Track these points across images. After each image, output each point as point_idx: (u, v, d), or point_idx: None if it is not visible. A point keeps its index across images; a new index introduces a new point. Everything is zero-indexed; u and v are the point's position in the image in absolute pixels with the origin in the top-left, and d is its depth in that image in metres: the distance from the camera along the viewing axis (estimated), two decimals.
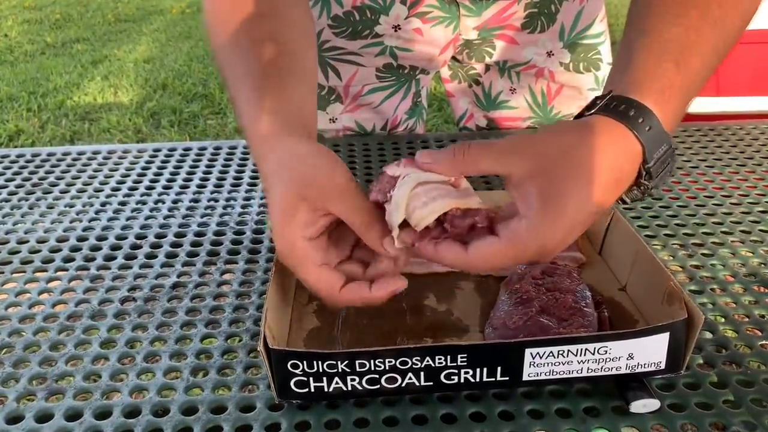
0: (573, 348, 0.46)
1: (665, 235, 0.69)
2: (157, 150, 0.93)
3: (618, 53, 0.54)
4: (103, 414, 0.49)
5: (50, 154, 0.92)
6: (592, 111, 0.48)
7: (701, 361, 0.52)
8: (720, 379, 0.50)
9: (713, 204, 0.76)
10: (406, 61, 0.91)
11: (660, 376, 0.49)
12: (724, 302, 0.59)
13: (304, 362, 0.46)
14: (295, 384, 0.47)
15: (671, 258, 0.66)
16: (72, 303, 0.61)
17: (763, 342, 0.54)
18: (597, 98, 0.49)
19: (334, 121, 0.95)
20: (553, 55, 0.92)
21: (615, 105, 0.47)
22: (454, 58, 0.96)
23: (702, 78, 0.51)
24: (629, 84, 0.48)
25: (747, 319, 0.57)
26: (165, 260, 0.67)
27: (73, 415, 0.49)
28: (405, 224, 0.47)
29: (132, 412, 0.49)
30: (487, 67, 0.96)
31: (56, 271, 0.66)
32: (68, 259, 0.68)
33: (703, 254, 0.66)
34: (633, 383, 0.48)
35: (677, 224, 0.71)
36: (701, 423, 0.46)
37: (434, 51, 0.90)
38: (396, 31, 0.87)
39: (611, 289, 0.59)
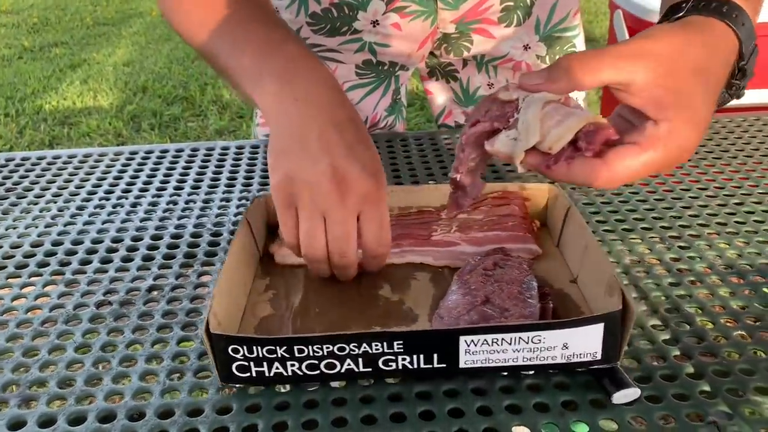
0: (507, 336, 0.47)
1: (642, 228, 0.70)
2: (134, 153, 0.92)
3: None
4: (78, 420, 0.48)
5: (24, 159, 0.91)
6: (681, 14, 0.47)
7: (678, 353, 0.52)
8: (697, 370, 0.50)
9: (689, 197, 0.76)
10: (385, 57, 0.91)
11: (596, 367, 0.50)
12: (701, 294, 0.59)
13: (244, 347, 0.47)
14: (237, 368, 0.48)
15: (649, 251, 0.66)
16: (46, 308, 0.60)
17: (740, 332, 0.54)
18: (677, 4, 0.48)
19: None
20: (529, 48, 0.92)
21: (704, 4, 0.46)
22: (432, 53, 0.96)
23: None
24: None
25: (723, 310, 0.57)
26: (141, 263, 0.67)
27: (47, 422, 0.48)
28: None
29: (107, 417, 0.48)
30: (465, 63, 0.96)
31: (30, 277, 0.65)
32: (43, 264, 0.67)
33: (680, 247, 0.66)
34: (611, 375, 0.49)
35: (654, 217, 0.72)
36: (678, 414, 0.46)
37: (413, 46, 0.90)
38: (374, 26, 0.87)
39: (563, 281, 0.60)
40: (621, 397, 0.47)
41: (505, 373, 0.50)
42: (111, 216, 0.76)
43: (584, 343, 0.48)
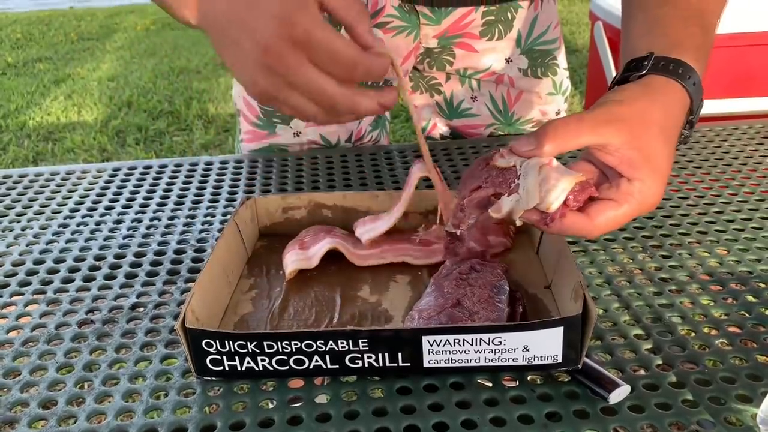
0: (468, 337, 0.49)
1: (624, 238, 0.70)
2: (117, 169, 0.92)
3: (631, 21, 0.59)
4: None
5: (6, 177, 0.91)
6: (644, 72, 0.53)
7: (660, 362, 0.53)
8: (679, 379, 0.51)
9: (670, 206, 0.77)
10: None
11: (557, 370, 0.51)
12: (682, 303, 0.60)
13: (217, 341, 0.49)
14: (211, 362, 0.51)
15: (631, 260, 0.66)
16: (27, 328, 0.60)
17: (721, 340, 0.55)
18: (640, 59, 0.54)
19: (298, 135, 0.94)
20: (511, 61, 0.93)
21: (663, 64, 0.52)
22: (415, 68, 0.97)
23: (713, 42, 0.58)
24: (669, 45, 0.54)
25: (705, 319, 0.58)
26: (124, 281, 0.66)
27: None
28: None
29: None
30: (448, 76, 0.97)
31: (11, 296, 0.64)
32: (24, 283, 0.66)
33: (661, 256, 0.67)
34: (599, 379, 0.49)
35: (636, 227, 0.72)
36: (661, 423, 0.47)
37: (397, 61, 0.90)
38: None
39: (538, 286, 0.61)
40: (616, 396, 0.48)
41: (490, 384, 0.50)
42: (94, 233, 0.75)
43: (544, 345, 0.49)
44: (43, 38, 5.22)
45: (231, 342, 0.49)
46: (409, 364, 0.50)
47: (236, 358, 0.50)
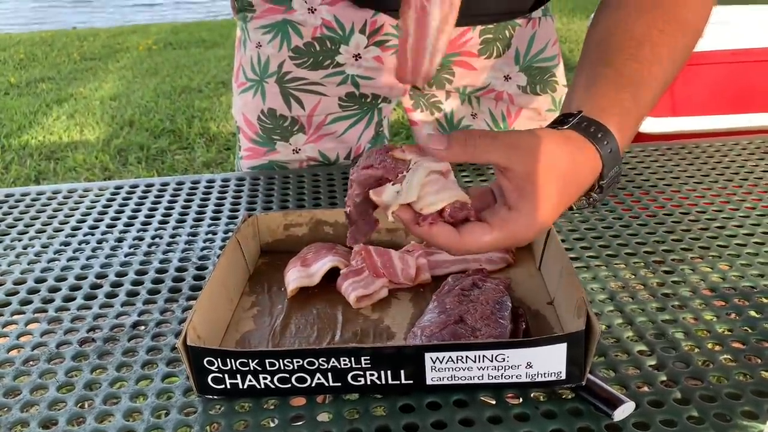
0: (471, 354, 0.49)
1: (626, 254, 0.70)
2: (119, 187, 0.92)
3: (579, 73, 0.60)
4: None
5: (8, 195, 0.91)
6: (566, 126, 0.53)
7: (664, 378, 0.52)
8: (684, 396, 0.50)
9: (672, 221, 0.77)
10: (368, 89, 0.92)
11: (561, 387, 0.50)
12: (686, 319, 0.60)
13: (219, 359, 0.49)
14: (213, 380, 0.50)
15: (633, 276, 0.66)
16: (28, 347, 0.59)
17: (725, 356, 0.55)
18: (569, 115, 0.55)
19: (297, 152, 0.95)
20: (510, 78, 0.93)
21: (585, 125, 0.53)
22: (415, 86, 0.97)
23: (650, 108, 0.58)
24: (597, 108, 0.54)
25: (709, 335, 0.58)
26: (126, 299, 0.66)
27: None
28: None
29: None
30: (448, 94, 0.97)
31: (12, 315, 0.64)
32: (25, 302, 0.66)
33: (664, 271, 0.67)
34: (603, 396, 0.49)
35: (638, 243, 0.72)
36: None
37: (395, 78, 0.91)
38: (357, 59, 0.88)
39: (541, 302, 0.61)
40: (620, 413, 0.48)
41: (494, 402, 0.50)
42: (95, 251, 0.75)
43: (548, 362, 0.49)
44: (46, 58, 5.25)
45: (233, 360, 0.49)
46: (411, 382, 0.50)
47: (238, 376, 0.50)
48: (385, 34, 0.86)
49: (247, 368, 0.49)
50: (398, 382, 0.50)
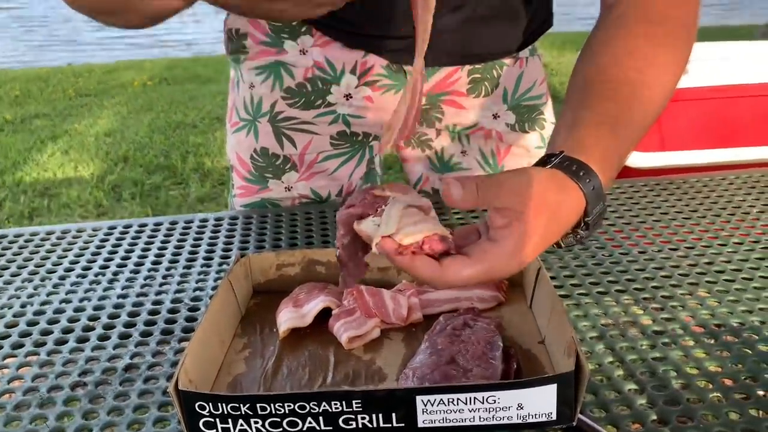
0: (462, 396, 0.49)
1: (616, 291, 0.71)
2: (112, 228, 0.93)
3: (562, 115, 0.61)
4: None
5: (2, 237, 0.91)
6: (549, 166, 0.55)
7: (655, 417, 0.52)
8: None
9: (662, 257, 0.78)
10: (359, 127, 0.93)
11: (552, 427, 0.50)
12: (676, 356, 0.60)
13: (210, 404, 0.49)
14: (204, 425, 0.50)
15: (624, 313, 0.67)
16: (20, 392, 0.59)
17: (715, 394, 0.55)
18: (551, 155, 0.56)
19: (289, 189, 0.96)
20: (498, 117, 0.95)
21: (567, 164, 0.55)
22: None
23: (633, 145, 0.60)
24: (579, 148, 0.56)
25: (698, 372, 0.58)
26: (118, 341, 0.66)
27: None
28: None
29: None
30: (438, 132, 0.98)
31: (4, 359, 0.64)
32: (17, 345, 0.66)
33: (654, 308, 0.67)
34: None
35: (628, 279, 0.73)
36: None
37: (385, 117, 0.92)
38: (348, 99, 0.89)
39: (532, 341, 0.62)
40: None
41: None
42: (88, 293, 0.76)
43: (539, 403, 0.49)
44: (41, 95, 5.29)
45: (224, 404, 0.49)
46: (403, 425, 0.50)
47: (229, 420, 0.50)
48: (375, 75, 0.87)
49: (239, 412, 0.49)
50: (390, 425, 0.50)
